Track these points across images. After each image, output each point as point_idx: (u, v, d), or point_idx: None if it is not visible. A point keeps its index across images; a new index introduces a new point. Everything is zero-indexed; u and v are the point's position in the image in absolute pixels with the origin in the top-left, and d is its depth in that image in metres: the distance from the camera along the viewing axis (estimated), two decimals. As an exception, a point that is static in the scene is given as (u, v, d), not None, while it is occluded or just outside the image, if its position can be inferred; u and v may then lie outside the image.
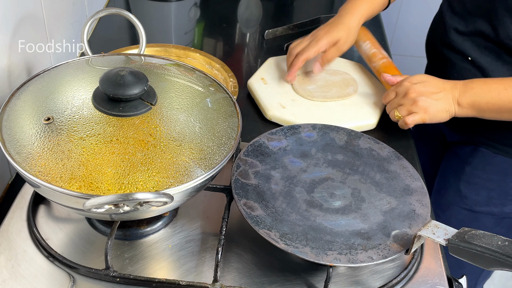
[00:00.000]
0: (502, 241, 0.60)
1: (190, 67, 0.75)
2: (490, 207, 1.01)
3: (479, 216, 1.02)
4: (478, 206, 1.01)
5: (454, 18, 0.96)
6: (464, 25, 0.94)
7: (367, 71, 1.08)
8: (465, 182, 1.01)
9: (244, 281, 0.66)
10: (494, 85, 0.85)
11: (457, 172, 1.02)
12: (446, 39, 0.97)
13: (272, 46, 1.20)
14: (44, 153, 0.58)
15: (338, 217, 0.69)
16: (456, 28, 0.95)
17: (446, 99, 0.86)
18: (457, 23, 0.95)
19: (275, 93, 0.99)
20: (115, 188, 0.57)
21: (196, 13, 1.34)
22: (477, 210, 1.01)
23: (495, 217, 1.01)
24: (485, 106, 0.85)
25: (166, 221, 0.73)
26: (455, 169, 1.03)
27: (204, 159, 0.62)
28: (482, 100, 0.85)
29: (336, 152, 0.80)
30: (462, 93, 0.86)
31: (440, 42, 1.00)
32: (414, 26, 2.06)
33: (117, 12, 0.79)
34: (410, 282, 0.68)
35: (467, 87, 0.86)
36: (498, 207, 1.00)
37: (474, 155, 0.99)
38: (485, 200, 1.00)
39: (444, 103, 0.86)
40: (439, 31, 1.01)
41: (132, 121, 0.62)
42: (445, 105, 0.86)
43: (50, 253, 0.66)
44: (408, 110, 0.87)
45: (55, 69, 0.70)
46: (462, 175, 1.01)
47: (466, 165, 1.00)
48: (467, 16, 0.93)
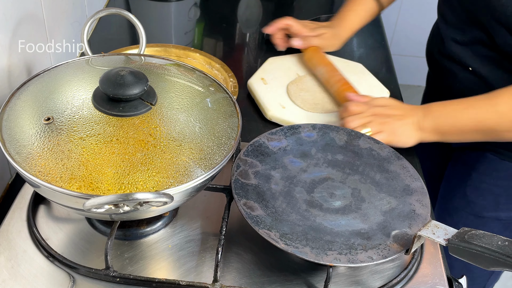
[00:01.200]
0: (502, 241, 0.60)
1: (190, 67, 0.75)
2: (497, 212, 1.00)
3: (486, 221, 1.02)
4: (485, 212, 1.01)
5: (450, 29, 0.95)
6: (461, 34, 0.93)
7: (367, 71, 1.08)
8: (472, 187, 1.00)
9: (244, 281, 0.66)
10: (454, 106, 0.84)
11: (463, 177, 1.02)
12: (445, 50, 0.96)
13: (272, 46, 1.20)
14: (44, 153, 0.58)
15: (338, 217, 0.69)
16: (454, 38, 0.94)
17: (411, 125, 0.85)
18: (454, 33, 0.94)
19: (275, 93, 0.99)
20: (115, 188, 0.57)
21: (196, 13, 1.34)
22: (484, 215, 1.01)
23: (502, 222, 1.01)
24: (447, 129, 0.84)
25: (166, 221, 0.73)
26: (461, 174, 1.03)
27: (204, 159, 0.62)
28: (444, 123, 0.84)
29: (336, 152, 0.80)
30: (422, 117, 0.85)
31: (440, 53, 0.99)
32: (414, 26, 2.07)
33: (117, 12, 0.79)
34: (410, 282, 0.68)
35: (427, 110, 0.85)
36: (506, 212, 1.00)
37: (481, 161, 0.98)
38: (492, 205, 1.00)
39: (408, 128, 0.85)
40: (437, 42, 1.01)
41: (132, 121, 0.62)
42: (410, 131, 0.85)
43: (50, 253, 0.66)
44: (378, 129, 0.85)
45: (55, 69, 0.70)
46: (469, 181, 1.00)
47: (473, 171, 1.00)
48: (463, 26, 0.92)
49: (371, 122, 0.85)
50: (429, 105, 0.86)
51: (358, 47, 1.25)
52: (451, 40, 0.94)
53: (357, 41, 1.27)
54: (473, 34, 0.90)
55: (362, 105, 0.88)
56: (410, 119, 0.85)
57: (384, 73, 1.15)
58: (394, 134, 0.85)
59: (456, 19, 0.93)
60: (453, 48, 0.94)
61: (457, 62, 0.95)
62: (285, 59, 1.10)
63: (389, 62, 1.20)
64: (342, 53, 1.17)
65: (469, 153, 1.01)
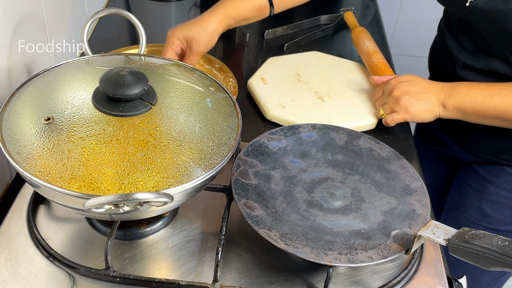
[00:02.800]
0: (502, 241, 0.60)
1: (190, 67, 0.75)
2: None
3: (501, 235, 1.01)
4: (502, 225, 1.00)
5: (463, 54, 0.93)
6: (474, 61, 0.92)
7: (367, 71, 1.08)
8: (488, 201, 0.99)
9: (244, 281, 0.66)
10: (481, 91, 0.84)
11: (479, 191, 1.01)
12: (455, 73, 0.95)
13: (272, 46, 1.20)
14: (44, 153, 0.58)
15: (338, 217, 0.69)
16: (465, 64, 0.93)
17: (430, 100, 0.86)
18: (467, 59, 0.93)
19: (275, 93, 0.99)
20: (115, 188, 0.57)
21: (196, 13, 1.34)
22: (501, 229, 1.00)
23: None
24: (470, 111, 0.85)
25: (166, 221, 0.73)
26: (476, 188, 1.01)
27: (204, 159, 0.62)
28: (468, 105, 0.85)
29: (336, 152, 0.80)
30: (448, 96, 0.86)
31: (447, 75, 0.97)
32: (414, 26, 2.06)
33: (117, 12, 0.79)
34: (410, 282, 0.68)
35: (453, 90, 0.86)
36: None
37: (497, 175, 0.97)
38: (509, 219, 0.99)
39: (427, 103, 0.86)
40: (444, 62, 0.99)
41: (132, 121, 0.62)
42: (428, 106, 0.86)
43: (50, 253, 0.66)
44: (391, 108, 0.88)
45: (55, 69, 0.70)
46: (485, 195, 0.99)
47: (490, 184, 0.99)
48: (479, 54, 0.90)
49: (386, 104, 0.89)
50: (456, 84, 0.87)
51: (358, 47, 1.25)
52: (462, 65, 0.93)
53: (357, 41, 1.26)
54: (488, 63, 0.89)
55: (381, 88, 0.92)
56: (433, 95, 0.86)
57: (384, 73, 1.15)
58: (407, 111, 0.87)
59: (474, 47, 0.91)
60: (463, 73, 0.94)
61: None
62: (285, 59, 1.10)
63: (389, 62, 1.20)
64: (342, 53, 1.17)
65: (485, 166, 1.00)
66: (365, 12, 1.41)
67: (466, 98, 0.85)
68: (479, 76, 0.91)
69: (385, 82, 0.93)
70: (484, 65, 0.90)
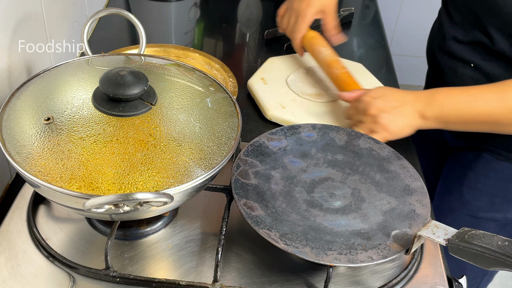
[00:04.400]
0: (502, 241, 0.60)
1: (190, 67, 0.75)
2: (493, 213, 1.00)
3: (482, 222, 1.01)
4: (481, 212, 1.00)
5: (453, 27, 0.94)
6: (463, 34, 0.92)
7: (367, 71, 1.08)
8: (468, 187, 1.00)
9: (244, 281, 0.66)
10: (461, 96, 0.81)
11: (460, 177, 1.01)
12: (446, 47, 0.96)
13: (272, 46, 1.20)
14: (44, 153, 0.58)
15: (338, 217, 0.69)
16: (455, 37, 0.93)
17: (408, 113, 0.82)
18: (457, 32, 0.93)
19: (275, 93, 0.99)
20: (115, 188, 0.57)
21: (196, 13, 1.34)
22: (480, 216, 1.00)
23: (498, 223, 1.01)
24: (452, 119, 0.82)
25: (166, 221, 0.73)
26: (458, 174, 1.02)
27: (204, 159, 0.62)
28: (449, 113, 0.81)
29: (336, 152, 0.80)
30: (427, 105, 0.81)
31: (440, 50, 0.99)
32: (414, 26, 2.07)
33: (117, 12, 0.79)
34: (410, 282, 0.68)
35: (431, 99, 0.82)
36: (501, 213, 0.99)
37: (477, 161, 0.98)
38: (488, 206, 0.99)
39: (406, 117, 0.82)
40: (438, 39, 1.00)
41: (132, 121, 0.62)
42: (407, 120, 0.82)
43: (50, 253, 0.66)
44: (369, 128, 0.83)
45: (55, 69, 0.70)
46: (465, 181, 1.00)
47: (469, 170, 0.99)
48: (466, 26, 0.91)
49: (363, 125, 0.84)
50: (433, 92, 0.83)
51: (358, 47, 1.25)
52: (452, 38, 0.94)
53: (357, 41, 1.27)
54: (474, 35, 0.90)
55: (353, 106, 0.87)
56: (410, 107, 0.82)
57: (384, 73, 1.15)
58: (387, 130, 0.82)
59: (461, 18, 0.93)
60: (453, 46, 0.94)
61: (457, 59, 0.94)
62: (285, 59, 1.10)
63: (389, 62, 1.20)
64: (342, 53, 1.17)
65: (466, 153, 1.00)
66: (365, 12, 1.41)
67: (447, 105, 0.81)
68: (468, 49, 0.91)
69: (356, 98, 0.87)
70: (471, 38, 0.89)
